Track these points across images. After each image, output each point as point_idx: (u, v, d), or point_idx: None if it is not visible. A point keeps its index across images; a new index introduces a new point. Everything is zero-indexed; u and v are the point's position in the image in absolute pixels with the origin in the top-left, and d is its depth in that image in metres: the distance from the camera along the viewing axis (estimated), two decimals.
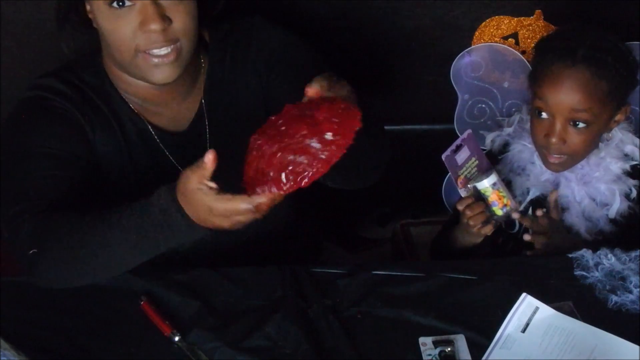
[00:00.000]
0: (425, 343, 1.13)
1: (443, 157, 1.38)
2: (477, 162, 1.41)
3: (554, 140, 1.37)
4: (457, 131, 1.71)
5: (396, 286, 1.24)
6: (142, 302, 1.17)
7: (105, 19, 1.13)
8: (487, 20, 1.64)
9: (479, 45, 1.66)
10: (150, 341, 1.14)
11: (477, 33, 1.66)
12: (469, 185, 1.39)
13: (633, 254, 1.26)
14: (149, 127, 1.26)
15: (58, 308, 1.19)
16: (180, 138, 1.28)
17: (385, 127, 1.86)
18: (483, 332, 1.14)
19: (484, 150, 1.62)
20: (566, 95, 1.35)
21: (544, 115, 1.38)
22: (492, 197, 1.36)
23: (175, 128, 1.29)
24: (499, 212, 1.38)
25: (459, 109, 1.70)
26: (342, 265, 1.29)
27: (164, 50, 1.14)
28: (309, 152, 0.92)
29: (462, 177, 1.38)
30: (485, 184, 1.37)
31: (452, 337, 1.14)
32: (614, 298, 1.20)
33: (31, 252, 1.10)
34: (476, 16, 1.64)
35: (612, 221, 1.45)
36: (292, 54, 1.27)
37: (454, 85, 1.67)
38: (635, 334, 1.11)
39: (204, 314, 1.17)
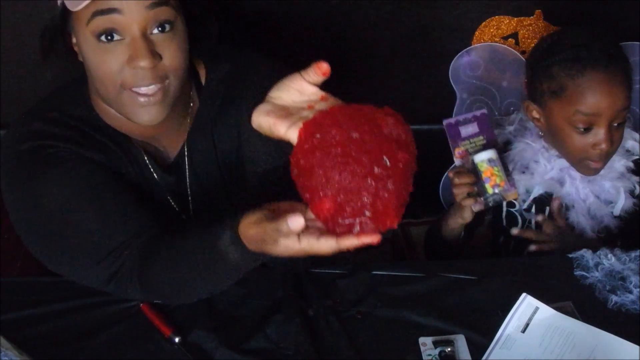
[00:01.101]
0: (425, 343, 1.13)
1: (444, 122, 1.36)
2: (484, 141, 1.38)
3: (604, 146, 1.34)
4: None
5: (396, 286, 1.24)
6: (141, 304, 1.17)
7: (91, 52, 1.07)
8: (487, 20, 1.65)
9: (479, 44, 1.66)
10: (151, 342, 1.14)
11: (477, 33, 1.66)
12: (468, 158, 1.37)
13: (633, 254, 1.26)
14: (144, 154, 1.21)
15: (58, 309, 1.19)
16: (166, 171, 1.24)
17: None
18: (483, 332, 1.14)
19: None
20: (611, 100, 1.32)
21: (584, 126, 1.35)
22: (486, 173, 1.34)
23: (162, 160, 1.25)
24: (489, 190, 1.35)
25: (457, 108, 1.70)
26: (342, 265, 1.29)
27: (152, 89, 1.08)
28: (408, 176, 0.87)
29: (462, 148, 1.37)
30: (482, 157, 1.34)
31: (452, 337, 1.14)
32: (614, 298, 1.20)
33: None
34: (476, 16, 1.64)
35: (618, 217, 1.46)
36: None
37: (453, 84, 1.67)
38: (635, 334, 1.12)
39: (205, 315, 1.17)
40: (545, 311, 1.15)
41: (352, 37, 1.68)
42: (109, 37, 1.05)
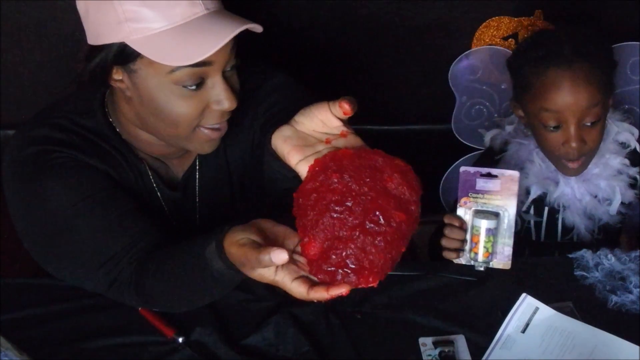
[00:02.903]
0: (425, 343, 1.13)
1: (461, 169, 1.28)
2: (500, 202, 1.27)
3: (574, 144, 1.35)
4: (454, 132, 1.72)
5: (396, 286, 1.24)
6: (140, 307, 1.17)
7: (169, 96, 1.05)
8: (488, 21, 1.64)
9: (477, 48, 1.66)
10: (153, 343, 1.14)
11: (477, 34, 1.66)
12: (471, 209, 1.28)
13: (633, 254, 1.27)
14: (148, 169, 1.21)
15: (59, 309, 1.19)
16: (173, 189, 1.24)
17: (385, 127, 1.87)
18: (483, 332, 1.15)
19: (483, 149, 1.62)
20: (575, 97, 1.33)
21: (553, 124, 1.36)
22: (474, 239, 1.26)
23: (170, 178, 1.25)
24: (471, 254, 1.28)
25: (456, 110, 1.70)
26: None
27: (225, 123, 1.10)
28: (404, 236, 0.86)
29: (470, 199, 1.28)
30: (481, 223, 1.25)
31: (452, 337, 1.14)
32: (614, 298, 1.20)
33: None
34: (476, 16, 1.64)
35: (617, 214, 1.47)
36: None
37: (452, 88, 1.67)
38: (635, 334, 1.12)
39: (206, 315, 1.17)
40: (545, 311, 1.15)
41: (352, 37, 1.68)
42: (193, 87, 1.05)
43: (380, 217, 0.84)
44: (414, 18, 1.64)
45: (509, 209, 1.25)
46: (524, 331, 1.13)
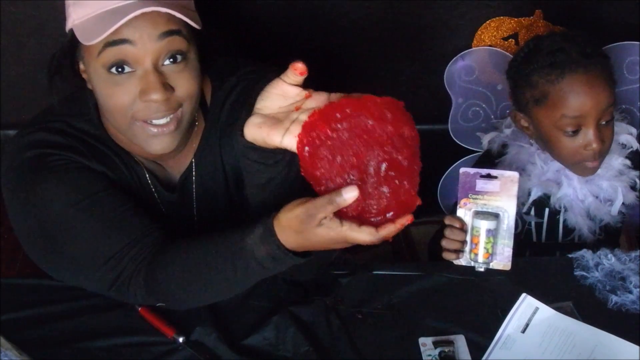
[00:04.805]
0: (425, 343, 1.13)
1: (461, 170, 1.27)
2: (500, 202, 1.25)
3: (595, 146, 1.35)
4: (451, 134, 1.72)
5: (396, 286, 1.24)
6: (139, 308, 1.17)
7: (102, 83, 1.06)
8: (488, 22, 1.64)
9: (473, 49, 1.67)
10: (153, 342, 1.14)
11: (477, 34, 1.66)
12: (471, 210, 1.26)
13: (633, 254, 1.27)
14: (145, 172, 1.21)
15: (59, 310, 1.19)
16: (170, 191, 1.24)
17: None
18: (483, 332, 1.15)
19: (482, 151, 1.62)
20: (595, 100, 1.33)
21: (572, 128, 1.35)
22: (474, 239, 1.25)
23: (167, 179, 1.25)
24: (471, 254, 1.26)
25: (453, 112, 1.70)
26: (342, 265, 1.29)
27: (163, 120, 1.07)
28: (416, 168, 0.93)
29: (470, 200, 1.27)
30: (481, 224, 1.24)
31: (452, 337, 1.14)
32: (614, 298, 1.20)
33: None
34: (476, 16, 1.64)
35: (619, 214, 1.47)
36: None
37: (448, 90, 1.68)
38: (635, 334, 1.12)
39: (206, 315, 1.17)
40: (545, 311, 1.15)
41: (352, 37, 1.69)
42: (120, 69, 1.04)
43: (383, 165, 0.90)
44: (413, 18, 1.64)
45: (508, 210, 1.25)
46: (524, 331, 1.14)
